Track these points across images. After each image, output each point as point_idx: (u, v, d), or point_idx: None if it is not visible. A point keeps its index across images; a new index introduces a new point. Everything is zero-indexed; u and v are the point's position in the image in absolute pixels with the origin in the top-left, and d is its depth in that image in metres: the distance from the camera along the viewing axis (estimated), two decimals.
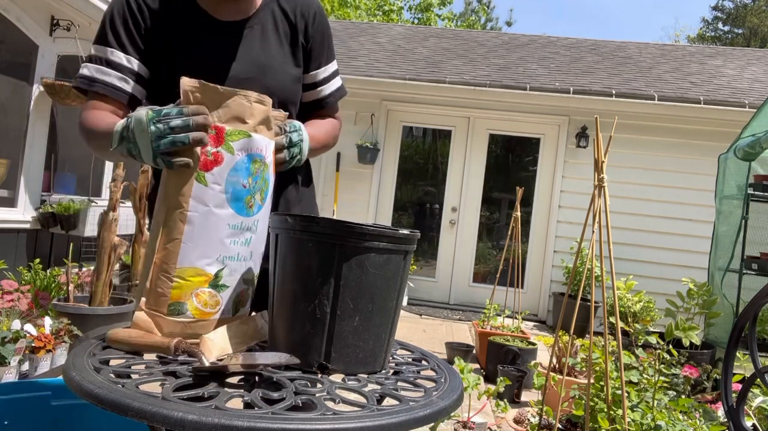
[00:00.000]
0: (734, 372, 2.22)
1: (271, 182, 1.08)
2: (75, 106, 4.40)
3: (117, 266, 4.49)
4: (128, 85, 1.21)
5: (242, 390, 0.83)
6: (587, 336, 4.72)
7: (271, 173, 1.07)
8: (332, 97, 1.42)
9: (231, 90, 0.99)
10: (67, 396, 1.53)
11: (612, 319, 2.68)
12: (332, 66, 1.42)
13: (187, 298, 0.98)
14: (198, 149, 0.96)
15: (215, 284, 1.00)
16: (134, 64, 1.21)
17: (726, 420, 2.23)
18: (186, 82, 0.97)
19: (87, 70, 1.20)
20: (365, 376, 0.95)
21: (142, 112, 0.96)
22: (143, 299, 0.99)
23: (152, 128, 0.94)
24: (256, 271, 1.10)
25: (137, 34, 1.22)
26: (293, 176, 1.36)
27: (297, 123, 1.17)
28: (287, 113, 1.20)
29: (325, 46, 1.38)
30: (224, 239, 0.99)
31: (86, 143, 1.19)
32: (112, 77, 1.20)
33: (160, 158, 0.95)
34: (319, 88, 1.39)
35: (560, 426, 2.56)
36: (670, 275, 5.77)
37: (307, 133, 1.18)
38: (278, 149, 1.12)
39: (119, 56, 1.20)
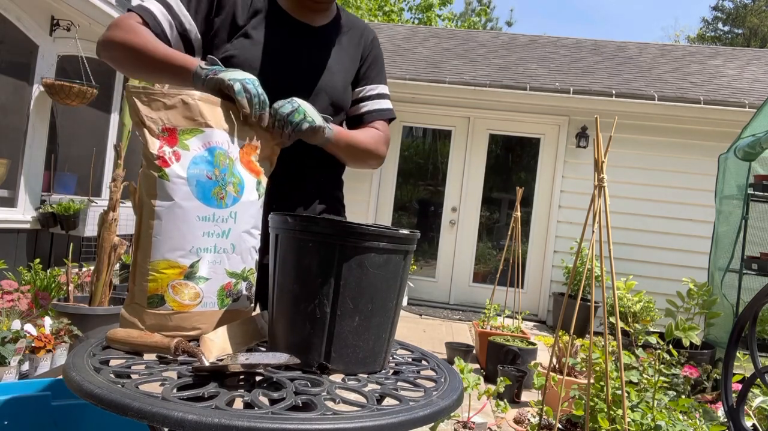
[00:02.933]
0: (734, 372, 2.22)
1: (250, 179, 1.10)
2: (75, 106, 4.40)
3: (117, 266, 4.49)
4: (171, 33, 1.26)
5: (242, 390, 0.83)
6: (587, 336, 4.72)
7: (240, 167, 1.08)
8: (372, 114, 1.46)
9: (175, 91, 1.02)
10: (67, 396, 1.53)
11: (612, 319, 2.68)
12: (380, 88, 1.48)
13: (163, 290, 1.00)
14: (157, 152, 0.99)
15: (191, 276, 1.01)
16: (191, 26, 1.28)
17: (726, 420, 2.23)
18: (131, 87, 1.00)
19: (151, 5, 1.25)
20: (365, 376, 0.95)
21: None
22: (127, 294, 1.03)
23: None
24: (248, 265, 1.10)
25: (209, 10, 1.29)
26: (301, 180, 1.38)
27: (288, 99, 1.17)
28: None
29: (375, 70, 1.48)
30: (195, 230, 1.01)
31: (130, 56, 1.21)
32: (165, 21, 1.25)
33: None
34: (360, 104, 1.45)
35: (560, 426, 2.56)
36: (670, 275, 5.77)
37: (305, 103, 1.18)
38: (270, 126, 1.14)
39: (184, 13, 1.27)
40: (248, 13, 1.32)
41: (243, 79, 1.08)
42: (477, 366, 4.22)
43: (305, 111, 1.15)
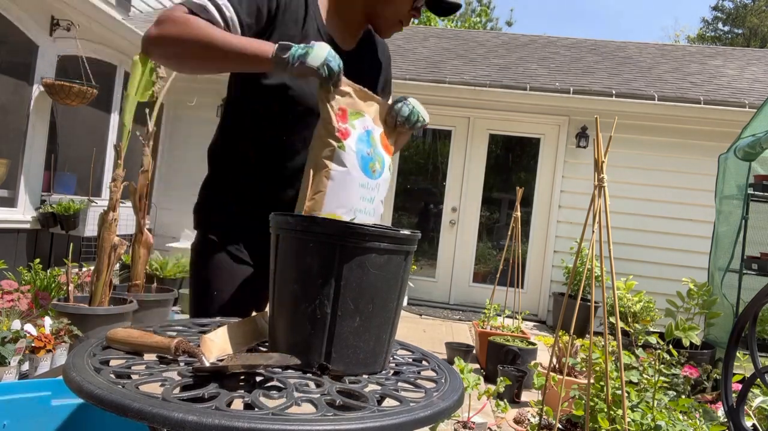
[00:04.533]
0: (734, 372, 2.22)
1: (387, 158, 1.31)
2: (75, 106, 4.40)
3: (117, 266, 4.49)
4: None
5: (243, 391, 0.83)
6: (587, 336, 4.71)
7: (382, 150, 1.29)
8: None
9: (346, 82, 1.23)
10: (67, 396, 1.53)
11: (612, 319, 2.68)
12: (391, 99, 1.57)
13: None
14: (336, 125, 1.19)
15: None
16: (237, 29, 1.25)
17: (726, 420, 2.23)
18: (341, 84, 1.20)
19: (205, 2, 1.21)
20: (366, 377, 0.95)
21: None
22: None
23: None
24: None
25: (261, 19, 1.28)
26: None
27: (400, 97, 1.34)
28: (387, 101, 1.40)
29: (388, 88, 1.59)
30: (356, 194, 1.22)
31: (190, 47, 1.17)
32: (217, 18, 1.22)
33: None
34: None
35: (560, 426, 2.55)
36: (670, 275, 5.77)
37: (417, 102, 1.33)
38: (398, 124, 1.31)
39: (232, 14, 1.23)
40: (301, 40, 1.29)
41: (325, 59, 1.13)
42: (477, 366, 4.22)
43: (419, 113, 1.32)
